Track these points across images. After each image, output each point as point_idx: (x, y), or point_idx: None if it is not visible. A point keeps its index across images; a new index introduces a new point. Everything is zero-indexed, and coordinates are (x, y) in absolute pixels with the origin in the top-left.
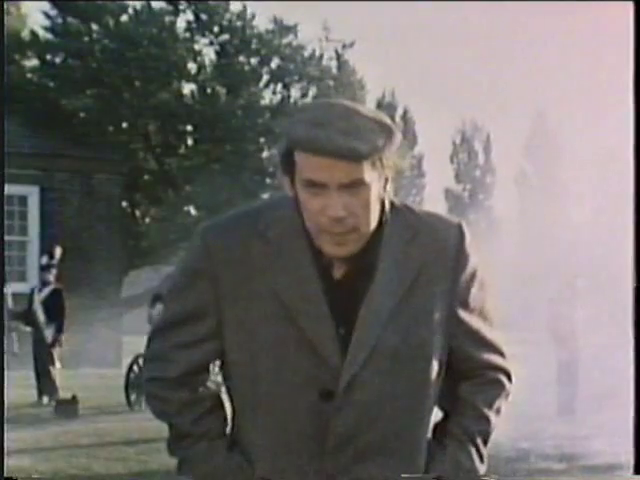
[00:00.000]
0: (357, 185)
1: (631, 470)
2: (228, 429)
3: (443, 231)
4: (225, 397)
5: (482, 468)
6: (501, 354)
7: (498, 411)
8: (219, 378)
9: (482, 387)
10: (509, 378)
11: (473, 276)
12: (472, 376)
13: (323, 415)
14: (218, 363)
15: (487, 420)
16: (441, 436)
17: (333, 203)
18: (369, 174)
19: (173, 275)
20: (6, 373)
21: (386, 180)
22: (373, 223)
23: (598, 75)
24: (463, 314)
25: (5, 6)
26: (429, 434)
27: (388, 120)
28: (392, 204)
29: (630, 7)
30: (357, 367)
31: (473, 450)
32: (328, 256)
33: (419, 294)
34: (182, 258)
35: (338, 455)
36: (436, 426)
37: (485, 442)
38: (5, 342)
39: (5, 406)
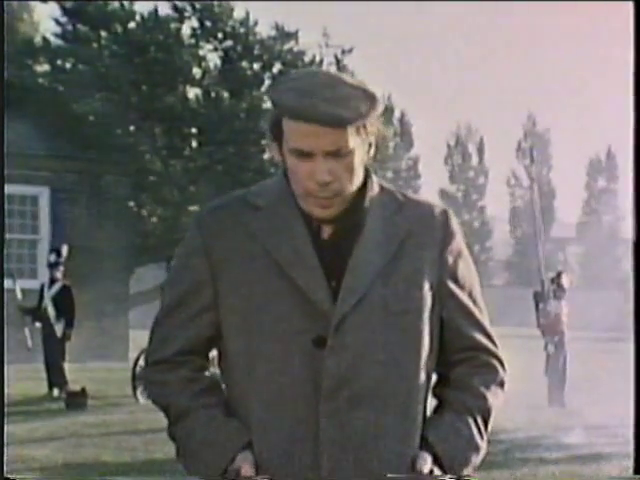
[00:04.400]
0: (342, 152)
1: (631, 470)
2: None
3: (429, 208)
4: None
5: (483, 444)
6: (493, 341)
7: (495, 394)
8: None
9: (477, 369)
10: (502, 365)
11: (460, 254)
12: (466, 358)
13: (317, 361)
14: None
15: (484, 398)
16: (440, 410)
17: (320, 169)
18: (353, 140)
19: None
20: (18, 366)
21: (369, 145)
22: (356, 185)
23: (588, 78)
24: (453, 286)
25: (6, 7)
26: (427, 405)
27: (370, 88)
28: (381, 185)
29: (630, 7)
30: (346, 309)
31: (472, 422)
32: (314, 218)
33: (407, 257)
34: (180, 245)
35: (333, 398)
36: (435, 408)
37: (485, 421)
38: (6, 337)
39: (5, 401)
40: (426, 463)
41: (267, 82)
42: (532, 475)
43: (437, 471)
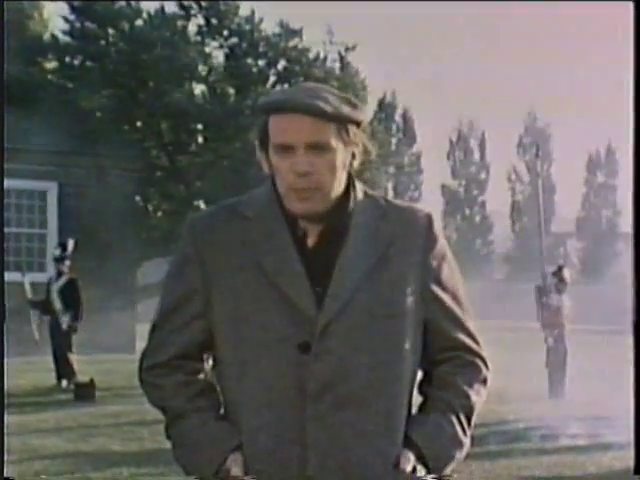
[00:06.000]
0: (322, 147)
1: (631, 462)
2: (221, 411)
3: (412, 213)
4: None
5: (466, 441)
6: (476, 341)
7: (478, 392)
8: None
9: (460, 369)
10: (485, 364)
11: (443, 257)
12: (449, 358)
13: (303, 366)
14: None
15: (467, 396)
16: (424, 409)
17: (300, 160)
18: (334, 140)
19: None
20: (27, 358)
21: (353, 156)
22: (338, 188)
23: (588, 75)
24: (437, 290)
25: (15, 5)
26: (412, 407)
27: (355, 100)
28: (365, 191)
29: (630, 7)
30: (331, 316)
31: (455, 420)
32: (295, 214)
33: (392, 263)
34: (174, 253)
35: (318, 402)
36: (419, 406)
37: (468, 419)
38: (15, 330)
39: (5, 400)
40: (409, 461)
41: (272, 79)
42: (534, 465)
43: (420, 468)
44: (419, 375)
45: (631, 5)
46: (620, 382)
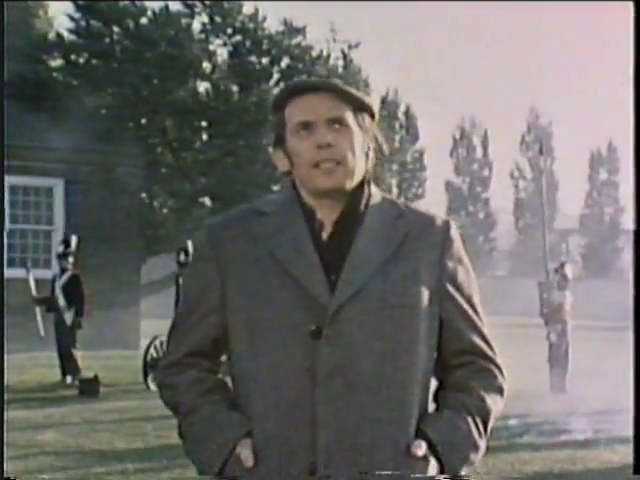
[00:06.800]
0: (342, 123)
1: (631, 457)
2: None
3: (429, 217)
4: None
5: (481, 444)
6: (492, 348)
7: (494, 399)
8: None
9: (476, 374)
10: (501, 372)
11: (460, 261)
12: (464, 363)
13: (315, 351)
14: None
15: (482, 399)
16: (439, 409)
17: (321, 134)
18: (352, 120)
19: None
20: (33, 354)
21: (368, 148)
22: (358, 170)
23: (590, 73)
24: (452, 290)
25: (12, 6)
26: (427, 397)
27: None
28: (383, 195)
29: (630, 7)
30: (343, 300)
31: (470, 420)
32: (322, 189)
33: (406, 258)
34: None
35: (328, 385)
36: (435, 409)
37: (484, 422)
38: (20, 326)
39: (9, 390)
40: (421, 448)
41: (275, 76)
42: (535, 460)
43: (432, 460)
44: (433, 385)
45: (631, 5)
46: (621, 378)
